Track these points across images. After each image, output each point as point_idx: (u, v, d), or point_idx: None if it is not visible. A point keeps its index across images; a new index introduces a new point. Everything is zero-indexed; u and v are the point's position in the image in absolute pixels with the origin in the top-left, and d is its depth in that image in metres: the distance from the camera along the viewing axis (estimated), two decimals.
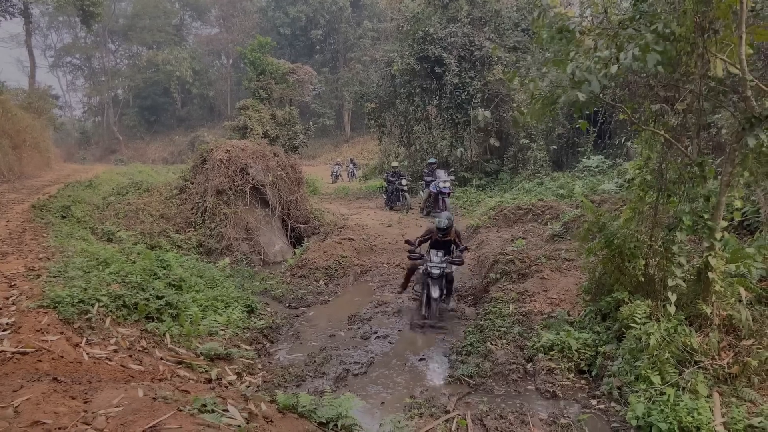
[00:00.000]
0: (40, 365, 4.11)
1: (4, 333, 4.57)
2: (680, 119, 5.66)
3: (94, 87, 58.32)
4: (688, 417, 4.68)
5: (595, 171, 15.69)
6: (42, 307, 5.12)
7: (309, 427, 4.09)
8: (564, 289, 8.07)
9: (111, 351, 4.99)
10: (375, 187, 22.32)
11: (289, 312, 8.88)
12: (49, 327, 4.79)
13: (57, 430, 2.97)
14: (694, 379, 5.00)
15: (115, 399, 3.50)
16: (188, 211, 12.83)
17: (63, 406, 3.29)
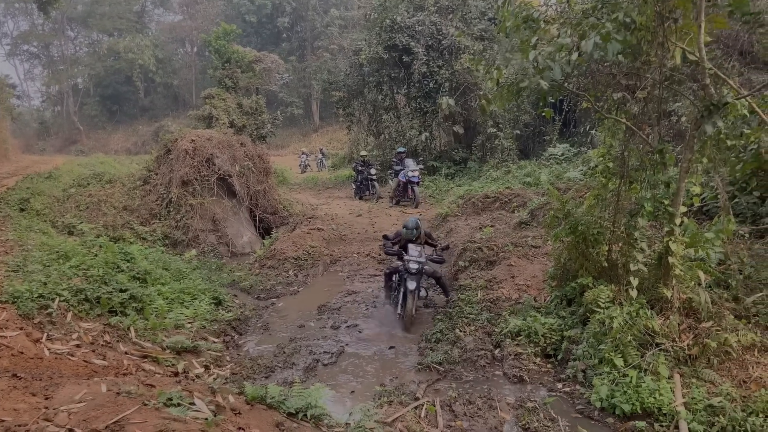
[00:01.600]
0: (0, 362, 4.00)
1: None
2: (641, 107, 5.77)
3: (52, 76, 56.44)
4: (650, 398, 4.82)
5: (561, 159, 15.91)
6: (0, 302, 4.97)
7: (278, 418, 4.07)
8: (531, 276, 8.19)
9: (73, 346, 4.88)
10: (344, 176, 22.23)
11: (258, 303, 8.81)
12: (7, 323, 4.66)
13: (17, 427, 2.89)
14: (655, 361, 5.14)
15: (78, 395, 3.43)
16: (153, 202, 12.59)
17: (23, 402, 3.21)
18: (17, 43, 56.85)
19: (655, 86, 5.47)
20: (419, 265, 7.63)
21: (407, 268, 7.62)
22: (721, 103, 4.84)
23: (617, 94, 5.81)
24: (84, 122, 53.76)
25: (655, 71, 5.38)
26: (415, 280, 7.56)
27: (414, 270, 7.56)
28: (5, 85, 35.10)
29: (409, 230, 8.09)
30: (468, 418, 4.92)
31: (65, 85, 54.77)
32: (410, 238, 8.04)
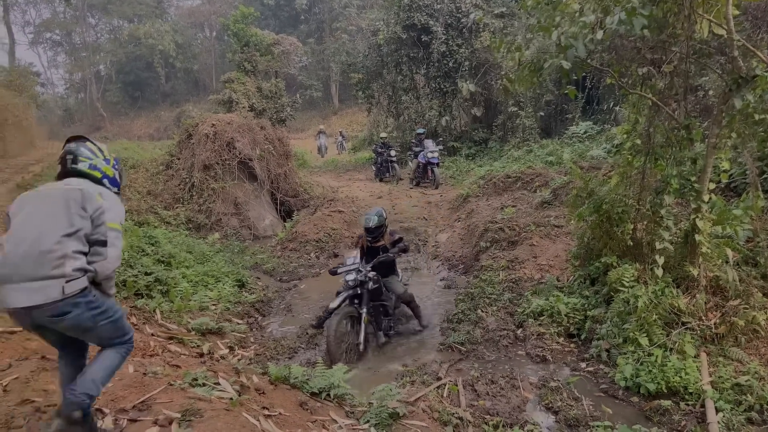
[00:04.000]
0: (28, 344, 4.09)
1: None
2: (667, 82, 5.62)
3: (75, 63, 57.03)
4: (676, 377, 4.77)
5: (584, 137, 15.64)
6: None
7: (301, 398, 4.13)
8: (553, 256, 8.12)
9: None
10: (364, 159, 22.20)
11: (281, 285, 8.90)
12: None
13: (47, 407, 2.97)
14: (681, 339, 5.08)
15: None
16: (175, 186, 12.72)
17: (52, 384, 3.29)
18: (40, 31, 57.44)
19: (682, 60, 5.32)
20: (356, 275, 6.10)
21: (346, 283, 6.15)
22: (749, 76, 4.69)
23: (642, 68, 5.67)
24: (107, 109, 54.36)
25: (682, 44, 5.23)
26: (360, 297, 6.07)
27: (351, 282, 6.07)
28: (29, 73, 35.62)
29: (368, 216, 6.65)
30: (490, 397, 4.93)
31: (88, 72, 55.33)
32: (368, 227, 6.59)
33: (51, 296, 2.50)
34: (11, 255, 2.54)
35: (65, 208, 2.65)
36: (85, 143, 3.00)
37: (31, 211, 2.68)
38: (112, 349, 2.77)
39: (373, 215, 6.64)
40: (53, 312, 2.52)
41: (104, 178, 2.97)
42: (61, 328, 2.60)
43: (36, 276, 2.50)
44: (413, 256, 10.40)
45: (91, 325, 2.63)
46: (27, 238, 2.57)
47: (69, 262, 2.56)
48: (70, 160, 2.90)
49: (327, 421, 3.93)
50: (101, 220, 2.74)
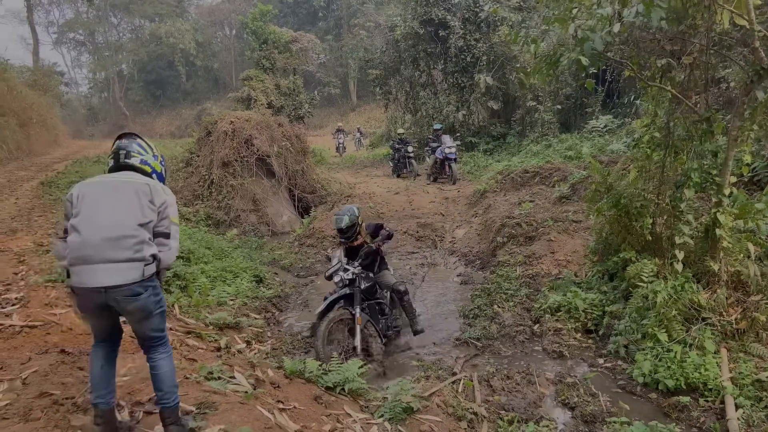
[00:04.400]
0: (49, 338, 4.18)
1: (13, 307, 4.65)
2: (687, 74, 5.52)
3: (98, 62, 57.91)
4: (695, 373, 4.71)
5: (604, 131, 15.43)
6: (50, 281, 5.19)
7: (316, 392, 4.15)
8: (571, 251, 8.04)
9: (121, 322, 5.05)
10: (382, 155, 22.18)
11: (298, 281, 8.95)
12: (57, 300, 4.86)
13: (65, 399, 3.02)
14: (701, 335, 5.01)
15: (123, 369, 3.56)
16: (195, 183, 12.86)
17: (70, 376, 3.35)
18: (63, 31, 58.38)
19: (702, 51, 5.22)
20: (343, 274, 5.71)
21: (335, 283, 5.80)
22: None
23: (661, 60, 5.58)
24: (130, 107, 55.09)
25: (702, 36, 5.14)
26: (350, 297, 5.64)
27: (339, 283, 5.70)
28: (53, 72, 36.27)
29: (339, 216, 6.08)
30: (506, 393, 4.91)
31: (111, 71, 56.15)
32: (340, 228, 6.06)
33: (132, 277, 2.71)
34: (91, 238, 2.69)
35: (137, 199, 2.85)
36: (136, 140, 3.16)
37: (103, 198, 2.84)
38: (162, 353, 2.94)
39: (344, 215, 6.06)
40: (129, 292, 2.71)
41: (153, 173, 3.14)
42: (130, 308, 2.77)
43: (119, 258, 2.69)
44: (430, 251, 10.39)
45: (152, 309, 2.84)
46: (106, 223, 2.73)
47: (146, 248, 2.79)
48: (123, 155, 3.05)
49: (341, 415, 3.95)
50: (166, 214, 2.96)
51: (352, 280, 5.71)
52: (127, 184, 2.92)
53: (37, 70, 31.98)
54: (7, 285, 5.20)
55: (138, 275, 2.73)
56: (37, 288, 5.05)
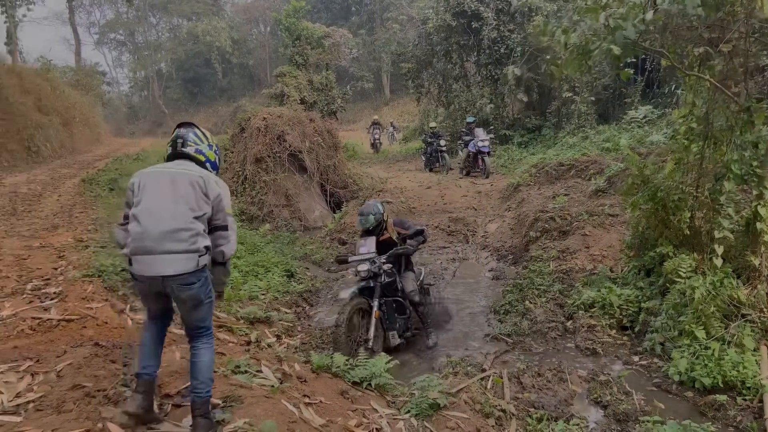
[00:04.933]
0: (84, 331, 4.29)
1: (51, 302, 4.79)
2: (726, 62, 5.31)
3: (138, 62, 59.29)
4: (733, 371, 4.55)
5: (643, 122, 14.97)
6: (87, 276, 5.34)
7: (343, 387, 4.16)
8: (607, 246, 7.86)
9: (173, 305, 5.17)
10: (414, 149, 22.09)
11: (329, 275, 9.00)
12: (94, 295, 5.00)
13: (97, 392, 3.09)
14: (740, 332, 4.83)
15: None
16: (229, 179, 13.01)
17: (103, 369, 3.43)
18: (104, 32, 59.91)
19: (741, 39, 5.01)
20: (370, 266, 5.57)
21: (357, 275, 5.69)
22: None
23: (699, 48, 5.37)
24: (168, 105, 56.24)
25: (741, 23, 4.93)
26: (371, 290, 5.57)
27: (364, 274, 5.58)
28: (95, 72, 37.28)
29: (364, 216, 5.96)
30: (536, 390, 4.83)
31: (150, 70, 57.42)
32: (366, 228, 6.02)
33: (187, 267, 2.89)
34: (151, 230, 2.88)
35: (193, 191, 3.01)
36: (193, 129, 3.33)
37: (162, 190, 3.00)
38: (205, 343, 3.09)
39: (369, 215, 5.92)
40: (183, 281, 2.89)
41: (207, 162, 3.29)
42: (183, 296, 2.95)
43: (176, 249, 2.87)
44: (461, 246, 10.30)
45: (202, 299, 3.02)
46: (165, 216, 2.91)
47: (200, 240, 2.96)
48: (180, 143, 3.22)
49: (368, 410, 3.94)
50: (221, 207, 3.15)
51: (376, 274, 5.65)
52: (183, 175, 3.05)
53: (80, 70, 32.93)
54: (47, 280, 5.37)
55: (193, 266, 2.90)
56: (75, 283, 5.19)
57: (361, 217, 6.00)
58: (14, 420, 2.77)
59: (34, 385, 3.15)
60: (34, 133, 18.17)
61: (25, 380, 3.19)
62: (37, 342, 3.93)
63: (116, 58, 64.87)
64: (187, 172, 3.08)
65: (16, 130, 16.97)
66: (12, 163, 15.93)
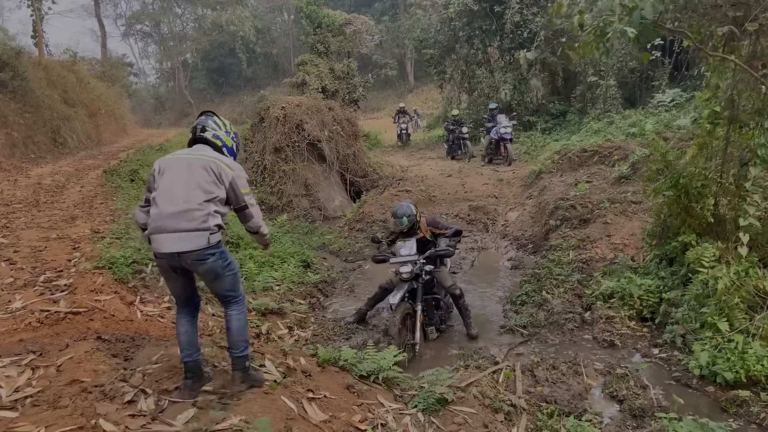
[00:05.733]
0: (92, 324, 4.30)
1: (61, 294, 4.82)
2: (752, 42, 5.05)
3: (164, 52, 59.88)
4: (757, 365, 4.37)
5: (671, 106, 14.55)
6: (98, 268, 5.36)
7: (349, 381, 4.09)
8: (629, 234, 7.64)
9: (164, 308, 5.18)
10: (437, 137, 21.86)
11: (345, 266, 8.94)
12: (103, 287, 5.01)
13: (94, 387, 3.08)
14: (766, 324, 4.62)
15: (155, 356, 3.61)
16: (249, 169, 13.05)
17: (104, 363, 3.42)
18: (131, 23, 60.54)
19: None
20: (413, 267, 5.57)
21: (399, 274, 5.67)
22: None
23: (723, 28, 5.11)
24: (194, 95, 56.69)
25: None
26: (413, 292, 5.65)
27: (406, 276, 5.54)
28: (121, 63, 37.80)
29: (398, 219, 5.92)
30: (550, 383, 4.70)
31: (176, 60, 57.95)
32: (401, 230, 6.02)
33: (199, 244, 3.12)
34: (166, 211, 3.13)
35: (206, 174, 3.23)
36: (213, 117, 3.60)
37: (178, 175, 3.24)
38: (234, 310, 3.38)
39: (403, 217, 5.90)
40: (197, 257, 3.13)
41: (223, 147, 3.52)
42: (201, 270, 3.21)
43: (189, 228, 3.11)
44: (481, 235, 10.15)
45: (220, 272, 3.25)
46: (178, 198, 3.15)
47: (211, 219, 3.17)
48: (200, 129, 3.49)
49: (374, 404, 3.87)
50: (237, 189, 3.37)
51: (417, 275, 5.65)
52: (198, 160, 3.29)
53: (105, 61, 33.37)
54: (59, 272, 5.41)
55: (204, 243, 3.12)
56: (85, 274, 5.22)
57: (395, 219, 6.00)
58: (10, 416, 2.77)
59: (34, 379, 3.15)
60: (61, 125, 18.50)
61: (26, 374, 3.19)
62: (44, 335, 3.94)
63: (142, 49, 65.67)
64: (202, 157, 3.31)
65: (42, 123, 17.26)
66: (39, 154, 16.21)
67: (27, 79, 17.20)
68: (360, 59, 27.52)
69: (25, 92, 16.99)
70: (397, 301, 5.42)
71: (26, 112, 16.51)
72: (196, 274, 3.31)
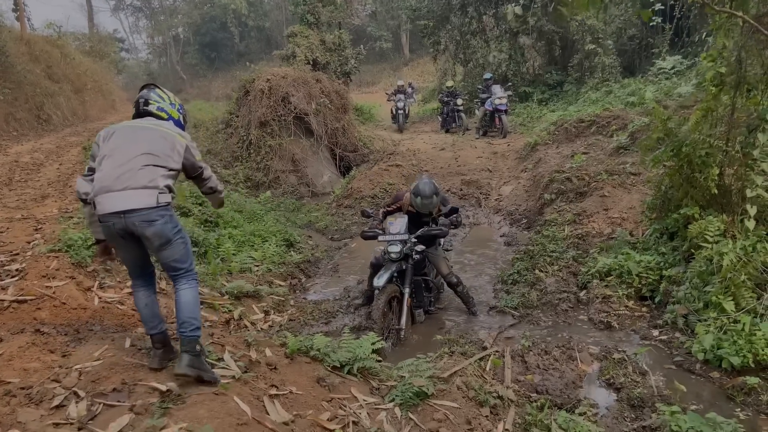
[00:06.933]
0: (38, 314, 3.92)
1: (12, 280, 4.42)
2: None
3: (155, 27, 58.72)
4: (766, 348, 4.00)
5: (671, 73, 14.04)
6: (53, 251, 4.94)
7: (320, 372, 3.72)
8: (627, 207, 7.25)
9: (126, 294, 4.78)
10: (431, 110, 21.31)
11: (331, 244, 8.58)
12: (57, 272, 4.61)
13: (20, 390, 2.71)
14: None
15: (97, 351, 3.23)
16: (234, 145, 12.64)
17: (37, 361, 3.05)
18: None
19: None
20: (402, 247, 5.15)
21: (386, 253, 5.25)
22: None
23: None
24: (186, 71, 55.73)
25: None
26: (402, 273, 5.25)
27: (395, 255, 5.15)
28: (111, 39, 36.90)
29: (426, 199, 5.30)
30: (541, 371, 4.34)
31: (167, 35, 56.85)
32: (429, 212, 5.52)
33: (147, 203, 2.99)
34: (113, 170, 3.01)
35: (159, 140, 3.17)
36: (155, 89, 3.50)
37: (126, 138, 3.16)
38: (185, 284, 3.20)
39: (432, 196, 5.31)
40: (145, 218, 2.99)
41: (170, 119, 3.44)
42: (148, 233, 3.02)
43: (135, 185, 2.99)
44: (473, 210, 9.76)
45: (170, 237, 3.09)
46: (125, 158, 3.04)
47: (161, 180, 3.08)
48: (143, 102, 3.39)
49: (347, 399, 3.51)
50: (192, 158, 3.33)
51: (407, 255, 5.23)
52: (147, 129, 3.22)
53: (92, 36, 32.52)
54: (15, 255, 5.00)
55: (153, 201, 3.00)
56: (39, 258, 4.81)
57: (422, 199, 5.31)
58: None
59: None
60: (44, 101, 17.96)
61: None
62: None
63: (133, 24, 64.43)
64: (153, 126, 3.25)
65: (24, 99, 16.74)
66: (21, 132, 15.73)
67: (6, 53, 16.60)
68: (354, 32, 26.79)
69: (5, 68, 16.42)
70: (383, 283, 4.96)
71: (6, 88, 15.96)
72: (144, 239, 3.09)
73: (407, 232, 5.29)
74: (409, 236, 5.29)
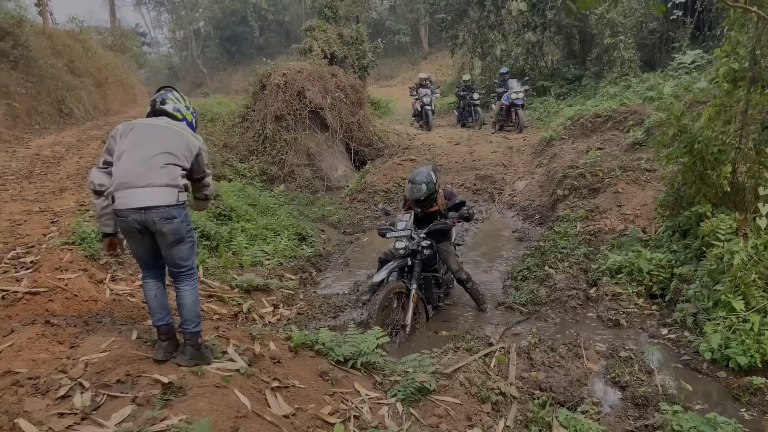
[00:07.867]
0: (50, 305, 4.02)
1: (26, 272, 4.53)
2: None
3: (176, 21, 59.21)
4: None
5: (691, 68, 13.77)
6: (67, 244, 5.05)
7: (324, 367, 3.76)
8: (641, 204, 7.18)
9: (137, 287, 4.87)
10: (447, 104, 21.20)
11: (343, 238, 8.61)
12: (70, 264, 4.71)
13: (27, 380, 2.79)
14: None
15: (105, 343, 3.31)
16: (250, 139, 12.72)
17: (45, 352, 3.13)
18: None
19: None
20: (407, 243, 5.10)
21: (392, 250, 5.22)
22: None
23: None
24: (207, 65, 56.10)
25: None
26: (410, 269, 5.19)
27: (402, 251, 5.10)
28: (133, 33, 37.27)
29: (416, 185, 5.34)
30: (546, 368, 4.33)
31: (188, 29, 57.28)
32: (417, 199, 5.43)
33: (168, 200, 3.11)
34: (134, 166, 3.09)
35: (177, 140, 3.26)
36: (172, 91, 3.63)
37: (145, 135, 3.23)
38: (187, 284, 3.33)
39: (421, 183, 5.32)
40: (165, 214, 3.10)
41: (183, 120, 3.53)
42: (165, 229, 3.12)
43: (158, 183, 3.09)
44: (486, 205, 9.72)
45: (183, 235, 3.22)
46: (147, 155, 3.12)
47: (180, 179, 3.20)
48: (159, 101, 3.49)
49: (350, 393, 3.55)
50: (202, 163, 3.44)
51: (415, 251, 5.19)
52: (165, 128, 3.30)
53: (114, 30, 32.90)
54: (30, 247, 5.12)
55: (173, 199, 3.13)
56: (54, 250, 4.92)
57: (412, 185, 5.37)
58: None
59: None
60: (66, 95, 18.22)
61: None
62: None
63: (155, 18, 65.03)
64: (169, 125, 3.34)
65: (47, 93, 17.02)
66: (43, 125, 16.00)
67: (29, 48, 16.87)
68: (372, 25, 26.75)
69: (28, 62, 16.68)
70: (379, 279, 4.93)
71: (29, 82, 16.23)
72: (158, 235, 3.17)
73: (411, 228, 5.24)
74: (417, 231, 5.27)
